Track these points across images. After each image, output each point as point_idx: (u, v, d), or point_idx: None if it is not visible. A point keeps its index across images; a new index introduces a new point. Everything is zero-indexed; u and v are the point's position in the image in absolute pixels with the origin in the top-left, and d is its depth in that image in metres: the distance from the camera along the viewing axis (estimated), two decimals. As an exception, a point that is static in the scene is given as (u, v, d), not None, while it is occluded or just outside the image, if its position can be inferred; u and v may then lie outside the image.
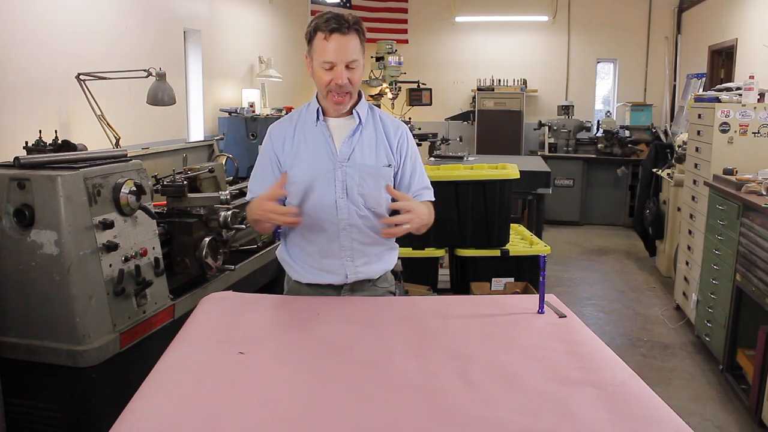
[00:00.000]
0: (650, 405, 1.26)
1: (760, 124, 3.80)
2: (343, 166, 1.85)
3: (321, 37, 1.76)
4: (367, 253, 1.92)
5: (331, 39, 1.74)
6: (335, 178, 1.85)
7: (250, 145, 4.82)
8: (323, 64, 1.77)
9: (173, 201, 2.80)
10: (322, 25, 1.76)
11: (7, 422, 2.21)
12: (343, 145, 1.86)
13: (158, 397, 1.28)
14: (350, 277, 1.92)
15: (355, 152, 1.87)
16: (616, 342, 4.10)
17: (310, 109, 1.92)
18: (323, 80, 1.79)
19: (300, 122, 1.91)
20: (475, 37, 8.54)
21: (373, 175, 1.87)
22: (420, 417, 1.20)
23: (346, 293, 1.95)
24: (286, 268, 2.01)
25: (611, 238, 7.15)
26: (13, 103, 2.90)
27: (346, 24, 1.75)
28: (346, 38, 1.75)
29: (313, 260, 1.92)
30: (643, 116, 7.80)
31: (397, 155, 1.93)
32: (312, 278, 1.94)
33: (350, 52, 1.76)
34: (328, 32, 1.74)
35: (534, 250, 3.88)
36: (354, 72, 1.79)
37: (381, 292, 2.00)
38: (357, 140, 1.87)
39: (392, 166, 1.91)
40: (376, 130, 1.91)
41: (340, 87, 1.78)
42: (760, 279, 3.00)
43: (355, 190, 1.85)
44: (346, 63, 1.76)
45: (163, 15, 4.22)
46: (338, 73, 1.76)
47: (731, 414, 3.19)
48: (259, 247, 3.46)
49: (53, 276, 2.09)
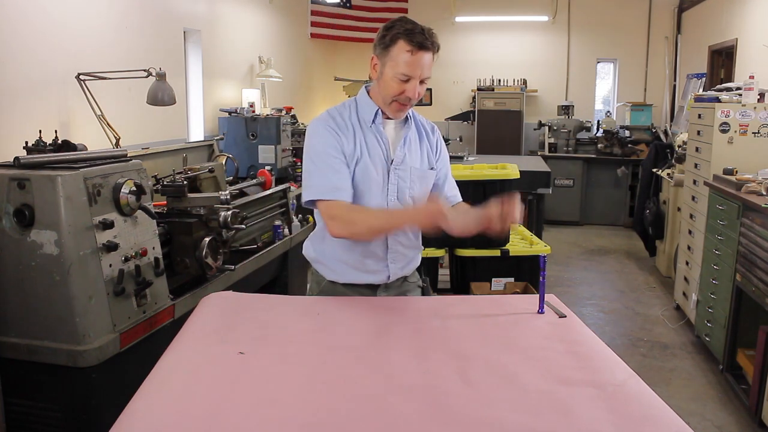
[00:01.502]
0: (650, 405, 1.26)
1: (760, 124, 3.80)
2: (397, 169, 1.86)
3: (404, 48, 1.73)
4: (407, 256, 1.97)
5: (416, 54, 1.73)
6: (389, 181, 1.86)
7: (250, 145, 4.82)
8: (400, 75, 1.75)
9: (173, 201, 2.80)
10: (407, 36, 1.73)
11: (7, 422, 2.21)
12: (397, 149, 1.87)
13: (158, 397, 1.28)
14: (392, 277, 1.94)
15: (407, 156, 1.88)
16: (616, 342, 4.10)
17: (363, 109, 1.87)
18: (394, 90, 1.78)
19: (355, 121, 1.87)
20: (475, 37, 8.54)
21: (421, 177, 1.91)
22: (420, 417, 1.20)
23: (382, 292, 1.97)
24: (319, 268, 1.98)
25: (611, 238, 7.15)
26: (13, 103, 2.90)
27: (430, 41, 1.75)
28: (429, 55, 1.76)
29: (355, 261, 1.90)
30: (643, 116, 7.80)
31: (436, 158, 1.97)
32: (351, 278, 1.93)
33: (427, 69, 1.77)
34: (415, 47, 1.73)
35: (534, 250, 3.87)
36: (423, 86, 1.81)
37: (412, 287, 2.05)
38: (408, 144, 1.90)
39: (434, 169, 1.95)
40: (419, 133, 1.94)
41: (409, 100, 1.79)
42: (760, 279, 3.00)
43: (407, 192, 1.87)
44: (421, 79, 1.77)
45: (163, 15, 4.22)
46: (413, 87, 1.77)
47: (731, 414, 3.19)
48: (259, 247, 3.46)
49: (53, 276, 2.09)
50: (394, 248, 1.91)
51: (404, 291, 2.02)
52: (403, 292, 2.01)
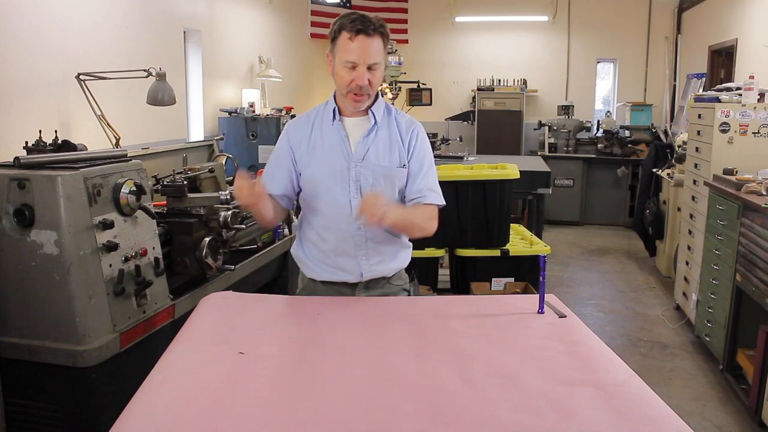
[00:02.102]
0: (650, 405, 1.26)
1: (760, 124, 3.80)
2: (358, 165, 1.86)
3: (346, 36, 1.77)
4: (382, 252, 1.94)
5: (356, 39, 1.76)
6: (349, 177, 1.86)
7: (250, 145, 4.83)
8: (345, 64, 1.78)
9: (173, 201, 2.80)
10: (348, 24, 1.77)
11: (7, 422, 2.21)
12: (357, 145, 1.88)
13: (158, 397, 1.28)
14: (365, 276, 1.93)
15: (370, 152, 1.88)
16: (616, 342, 4.10)
17: (327, 108, 1.92)
18: (344, 79, 1.80)
19: (317, 121, 1.92)
20: (475, 37, 8.54)
21: (387, 175, 1.89)
22: (420, 417, 1.20)
23: (361, 291, 1.96)
24: (301, 266, 2.01)
25: (611, 238, 7.15)
26: (13, 103, 2.90)
27: (371, 26, 1.77)
28: (371, 40, 1.77)
29: (327, 258, 1.93)
30: (643, 116, 7.80)
31: (407, 153, 1.94)
32: (327, 276, 1.95)
33: (373, 54, 1.78)
34: (353, 32, 1.76)
35: (534, 250, 3.88)
36: (375, 74, 1.81)
37: (396, 290, 2.01)
38: (372, 140, 1.89)
39: (406, 166, 1.93)
40: (390, 131, 1.93)
41: (360, 88, 1.80)
42: (760, 279, 3.00)
43: (369, 190, 1.87)
44: (368, 64, 1.78)
45: (163, 15, 4.22)
46: (360, 73, 1.78)
47: (731, 414, 3.19)
48: (259, 247, 3.46)
49: (53, 276, 2.09)
50: (361, 243, 1.90)
51: (387, 293, 1.98)
52: (384, 294, 1.98)
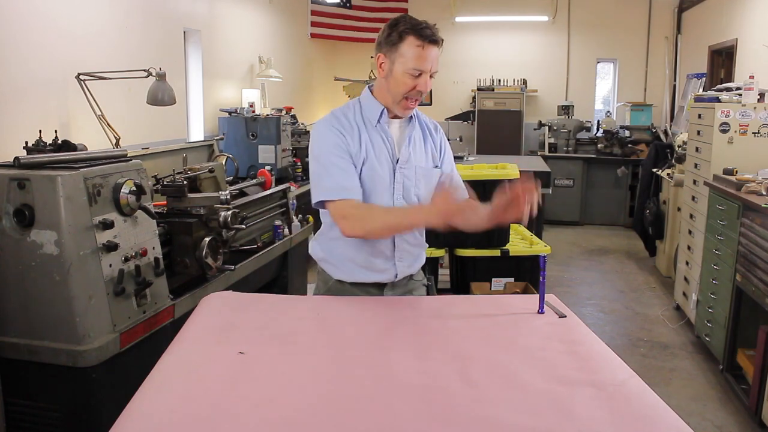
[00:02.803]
0: (650, 405, 1.26)
1: (760, 124, 3.80)
2: (403, 168, 1.87)
3: (414, 42, 1.75)
4: (413, 254, 1.99)
5: (426, 48, 1.76)
6: (395, 180, 1.87)
7: (250, 145, 4.83)
8: (412, 71, 1.77)
9: (173, 201, 2.80)
10: (415, 31, 1.76)
11: (7, 422, 2.21)
12: (402, 148, 1.89)
13: (158, 397, 1.28)
14: (399, 276, 1.95)
15: (412, 155, 1.89)
16: (616, 342, 4.10)
17: (368, 109, 1.88)
18: (406, 85, 1.79)
19: (360, 121, 1.87)
20: (475, 37, 8.54)
21: (426, 176, 1.92)
22: (420, 417, 1.20)
23: (389, 291, 1.98)
24: (326, 267, 1.98)
25: (611, 238, 7.15)
26: (13, 103, 2.90)
27: (438, 37, 1.80)
28: (437, 49, 1.80)
29: (363, 260, 1.91)
30: (643, 116, 7.80)
31: (440, 157, 1.98)
32: (359, 277, 1.94)
33: (437, 63, 1.81)
34: (426, 41, 1.76)
35: (534, 250, 3.87)
36: (431, 81, 1.83)
37: (417, 285, 2.06)
38: (412, 142, 1.91)
39: (439, 167, 1.96)
40: (422, 132, 1.95)
41: (421, 94, 1.82)
42: (760, 279, 3.00)
43: (412, 191, 1.88)
44: (431, 72, 1.80)
45: (163, 15, 4.22)
46: (424, 81, 1.79)
47: (731, 414, 3.19)
48: (259, 247, 3.46)
49: (53, 276, 2.10)
50: (401, 246, 1.92)
51: (410, 289, 2.04)
52: (409, 290, 2.03)
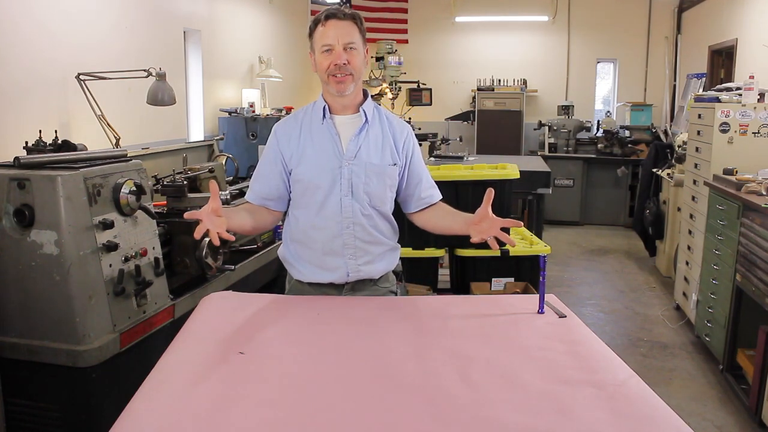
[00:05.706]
0: (650, 405, 1.26)
1: (760, 124, 3.80)
2: (350, 164, 1.86)
3: (320, 25, 1.82)
4: (369, 252, 1.92)
5: (328, 24, 1.80)
6: (341, 176, 1.85)
7: (250, 145, 4.82)
8: (322, 48, 1.81)
9: (173, 201, 2.80)
10: (319, 16, 1.83)
11: (7, 422, 2.21)
12: (349, 143, 1.87)
13: (158, 397, 1.28)
14: (351, 276, 1.91)
15: (362, 150, 1.87)
16: (616, 342, 4.09)
17: (316, 107, 1.92)
18: (323, 65, 1.82)
19: (306, 120, 1.91)
20: (475, 37, 8.54)
21: (378, 173, 1.88)
22: (420, 417, 1.20)
23: (348, 293, 1.94)
24: (288, 267, 2.00)
25: (611, 238, 7.15)
26: (13, 103, 2.90)
27: (341, 12, 1.81)
28: (343, 23, 1.81)
29: (315, 258, 1.91)
30: (643, 116, 7.80)
31: (403, 156, 1.94)
32: (313, 277, 1.93)
33: (347, 35, 1.80)
34: (324, 19, 1.81)
35: (534, 250, 3.87)
36: (353, 55, 1.81)
37: (382, 292, 1.99)
38: (363, 138, 1.89)
39: (397, 165, 1.93)
40: (382, 129, 1.93)
41: (339, 68, 1.80)
42: (760, 279, 3.00)
43: (361, 188, 1.86)
44: (343, 44, 1.80)
45: (163, 15, 4.22)
46: (337, 53, 1.79)
47: (731, 414, 3.19)
48: (259, 247, 3.46)
49: (53, 276, 2.10)
50: (350, 242, 1.89)
51: (373, 296, 1.97)
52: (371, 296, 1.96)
